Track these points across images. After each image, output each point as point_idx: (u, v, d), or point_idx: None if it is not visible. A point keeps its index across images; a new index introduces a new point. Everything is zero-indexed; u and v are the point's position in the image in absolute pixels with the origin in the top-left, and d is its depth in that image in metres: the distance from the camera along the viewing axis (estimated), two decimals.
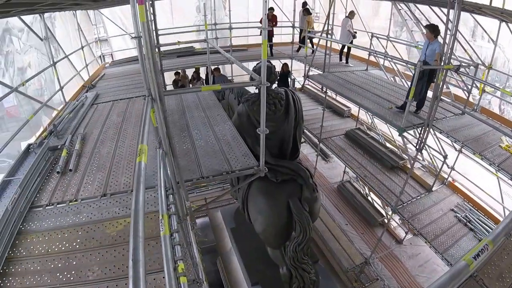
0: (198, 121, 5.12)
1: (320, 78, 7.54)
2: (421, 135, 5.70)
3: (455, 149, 6.81)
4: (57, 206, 3.43)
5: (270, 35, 9.80)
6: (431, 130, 5.65)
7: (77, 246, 2.84)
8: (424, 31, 5.64)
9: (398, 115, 5.75)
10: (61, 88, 5.81)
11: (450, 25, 4.60)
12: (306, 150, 12.75)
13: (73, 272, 2.61)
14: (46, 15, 5.25)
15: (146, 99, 2.72)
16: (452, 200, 6.59)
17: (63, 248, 2.87)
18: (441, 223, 6.12)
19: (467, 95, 6.00)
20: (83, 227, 3.03)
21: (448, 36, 4.56)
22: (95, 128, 5.10)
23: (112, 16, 9.82)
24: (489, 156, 4.91)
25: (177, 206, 3.42)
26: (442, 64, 4.79)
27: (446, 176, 6.97)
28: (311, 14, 10.03)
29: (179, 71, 9.73)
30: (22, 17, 4.50)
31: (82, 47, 7.24)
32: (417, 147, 5.92)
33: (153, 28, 6.09)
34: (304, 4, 9.97)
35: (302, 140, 13.30)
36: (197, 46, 10.51)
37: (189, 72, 10.09)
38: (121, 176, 3.76)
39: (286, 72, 9.71)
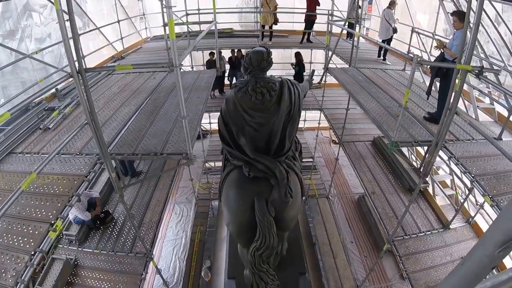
0: (174, 101, 5.57)
1: (339, 73, 7.06)
2: (426, 157, 4.99)
3: None
4: (25, 155, 4.37)
5: (312, 20, 9.48)
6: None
7: (13, 188, 3.66)
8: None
9: (402, 126, 5.04)
10: (82, 57, 6.93)
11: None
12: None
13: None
14: None
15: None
16: (469, 246, 5.58)
17: (7, 187, 3.76)
18: (442, 272, 5.34)
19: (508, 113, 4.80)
20: (25, 175, 3.83)
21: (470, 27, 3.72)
22: (94, 96, 6.00)
23: None
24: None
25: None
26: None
27: (473, 213, 5.91)
28: None
29: (214, 51, 10.29)
30: None
31: (119, 21, 8.36)
32: (422, 171, 5.21)
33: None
34: None
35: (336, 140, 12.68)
36: (237, 27, 10.81)
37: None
38: (78, 140, 4.49)
39: (297, 62, 9.66)
